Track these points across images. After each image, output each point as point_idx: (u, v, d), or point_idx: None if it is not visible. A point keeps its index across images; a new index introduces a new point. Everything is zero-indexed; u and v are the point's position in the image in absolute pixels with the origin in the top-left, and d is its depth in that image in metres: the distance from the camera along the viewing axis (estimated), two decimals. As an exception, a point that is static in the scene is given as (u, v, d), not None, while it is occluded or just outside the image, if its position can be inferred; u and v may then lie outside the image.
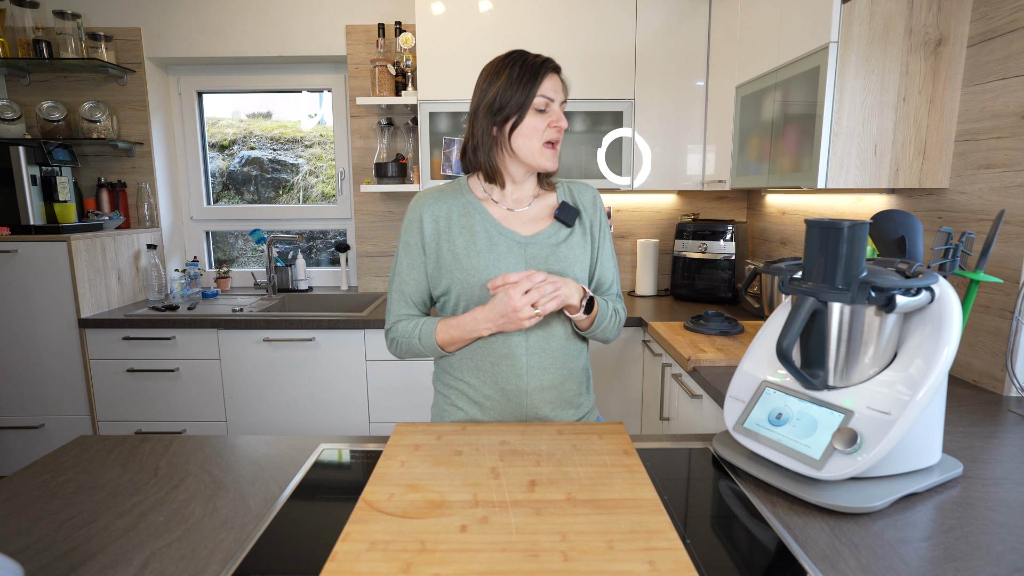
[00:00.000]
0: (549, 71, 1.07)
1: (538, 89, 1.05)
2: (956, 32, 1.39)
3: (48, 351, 2.32)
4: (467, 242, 1.09)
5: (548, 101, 1.06)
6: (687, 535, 0.73)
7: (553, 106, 1.07)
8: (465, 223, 1.10)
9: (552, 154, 1.09)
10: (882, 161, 1.45)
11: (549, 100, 1.06)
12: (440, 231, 1.11)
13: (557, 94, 1.07)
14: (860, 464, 0.76)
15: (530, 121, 1.06)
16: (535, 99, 1.05)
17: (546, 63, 1.07)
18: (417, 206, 1.12)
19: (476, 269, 1.07)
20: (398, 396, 2.32)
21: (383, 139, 2.68)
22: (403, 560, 0.65)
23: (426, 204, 1.12)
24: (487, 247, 1.08)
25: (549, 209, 1.15)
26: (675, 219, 2.80)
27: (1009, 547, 0.70)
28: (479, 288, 1.07)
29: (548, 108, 1.06)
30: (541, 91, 1.05)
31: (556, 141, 1.08)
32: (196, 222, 2.97)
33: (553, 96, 1.06)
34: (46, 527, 0.75)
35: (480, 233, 1.09)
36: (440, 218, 1.11)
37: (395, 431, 1.01)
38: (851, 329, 0.83)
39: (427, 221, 1.11)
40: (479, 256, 1.08)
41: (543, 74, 1.05)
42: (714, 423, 1.46)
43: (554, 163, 1.09)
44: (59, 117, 2.61)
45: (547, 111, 1.07)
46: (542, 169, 1.10)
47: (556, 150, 1.09)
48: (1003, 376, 1.27)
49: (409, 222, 1.13)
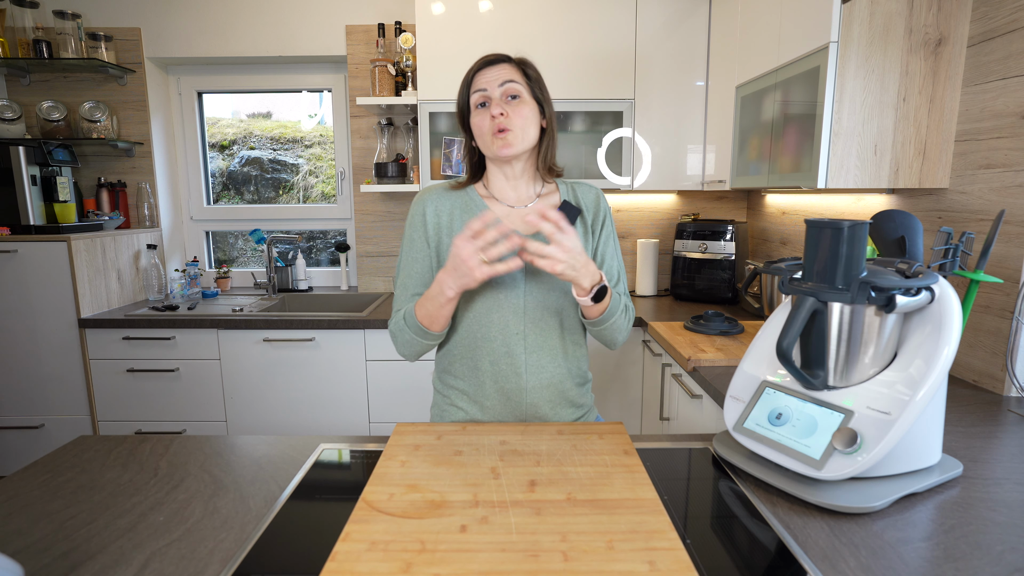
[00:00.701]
0: (482, 67, 1.08)
1: (472, 87, 1.08)
2: (956, 32, 1.39)
3: (48, 351, 2.32)
4: None
5: (483, 94, 1.06)
6: (687, 535, 0.73)
7: (490, 94, 1.06)
8: (467, 219, 1.11)
9: (503, 141, 1.05)
10: (882, 161, 1.45)
11: (483, 92, 1.06)
12: (442, 226, 1.11)
13: (492, 82, 1.06)
14: (860, 464, 0.76)
15: (474, 120, 1.08)
16: (472, 96, 1.08)
17: (478, 62, 1.09)
18: (420, 201, 1.13)
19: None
20: (398, 396, 2.32)
21: (383, 139, 2.67)
22: (403, 560, 0.65)
23: (429, 199, 1.13)
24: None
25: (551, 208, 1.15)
26: (675, 219, 2.80)
27: (1009, 547, 0.70)
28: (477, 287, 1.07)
29: (488, 101, 1.06)
30: (474, 87, 1.07)
31: (500, 129, 1.05)
32: (196, 222, 2.97)
33: (486, 86, 1.06)
34: (46, 527, 0.75)
35: None
36: (443, 213, 1.11)
37: (395, 431, 1.01)
38: (851, 329, 0.83)
39: (429, 215, 1.12)
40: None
41: (475, 72, 1.08)
42: (714, 423, 1.46)
43: (508, 148, 1.06)
44: (59, 117, 2.61)
45: (488, 104, 1.06)
46: (499, 158, 1.07)
47: (507, 134, 1.05)
48: (1003, 376, 1.27)
49: (412, 217, 1.13)
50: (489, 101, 1.06)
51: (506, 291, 1.08)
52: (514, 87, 1.06)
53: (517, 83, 1.07)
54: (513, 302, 1.08)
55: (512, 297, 1.08)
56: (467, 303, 1.10)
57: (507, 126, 1.05)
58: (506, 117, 1.05)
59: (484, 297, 1.08)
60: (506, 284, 1.08)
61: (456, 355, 1.13)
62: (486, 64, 1.08)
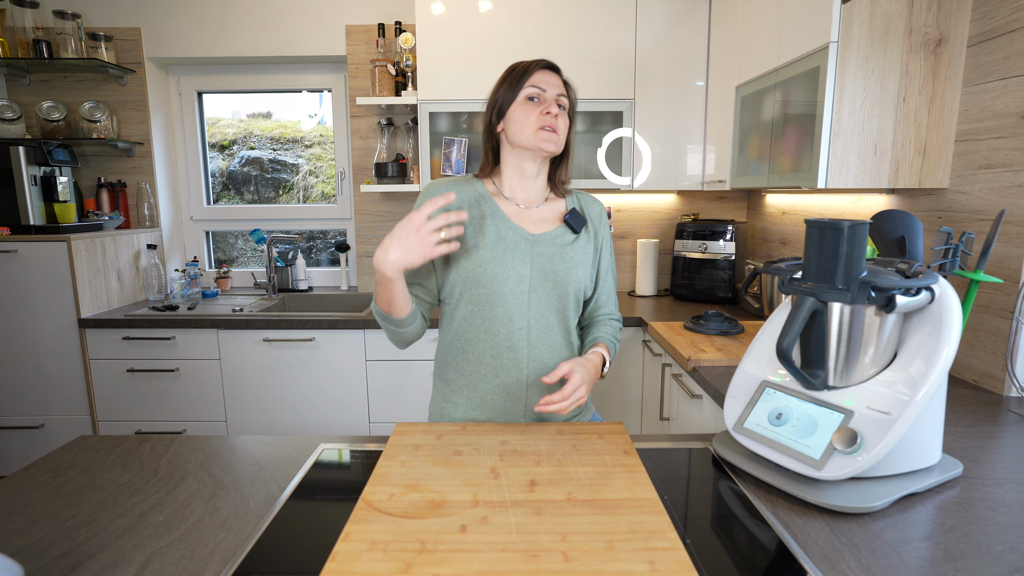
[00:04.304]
0: (539, 68, 1.11)
1: (527, 81, 1.10)
2: (956, 32, 1.39)
3: (48, 351, 2.32)
4: (475, 232, 1.10)
5: (539, 91, 1.10)
6: (687, 535, 0.73)
7: (546, 95, 1.10)
8: (475, 213, 1.12)
9: (548, 136, 1.08)
10: (882, 161, 1.45)
11: (540, 90, 1.10)
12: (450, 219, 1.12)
13: (550, 86, 1.10)
14: (860, 464, 0.76)
15: (520, 109, 1.10)
16: (525, 90, 1.10)
17: (538, 62, 1.12)
18: (428, 192, 1.13)
19: (482, 260, 1.08)
20: (398, 396, 2.32)
21: (383, 139, 2.67)
22: (403, 560, 0.65)
23: (438, 191, 1.12)
24: (495, 240, 1.09)
25: (558, 213, 1.17)
26: (675, 219, 2.80)
27: (1009, 547, 0.70)
28: (484, 280, 1.07)
29: (540, 97, 1.10)
30: (530, 82, 1.10)
31: (549, 127, 1.08)
32: (196, 222, 2.97)
33: (544, 87, 1.10)
34: (46, 527, 0.75)
35: (489, 225, 1.11)
36: (451, 205, 1.12)
37: (395, 431, 1.01)
38: (851, 329, 0.83)
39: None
40: (487, 248, 1.09)
41: (533, 69, 1.11)
42: (714, 423, 1.46)
43: (553, 145, 1.09)
44: (59, 117, 2.61)
45: (539, 100, 1.10)
46: (540, 150, 1.09)
47: (554, 135, 1.09)
48: (1003, 376, 1.27)
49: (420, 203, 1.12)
50: (542, 99, 1.10)
51: (512, 286, 1.09)
52: (564, 101, 1.13)
53: (567, 99, 1.13)
54: (519, 298, 1.09)
55: (518, 293, 1.09)
56: (472, 296, 1.09)
57: (556, 127, 1.09)
58: (557, 119, 1.10)
59: (490, 291, 1.08)
60: (512, 279, 1.08)
61: (458, 348, 1.14)
62: (546, 67, 1.12)
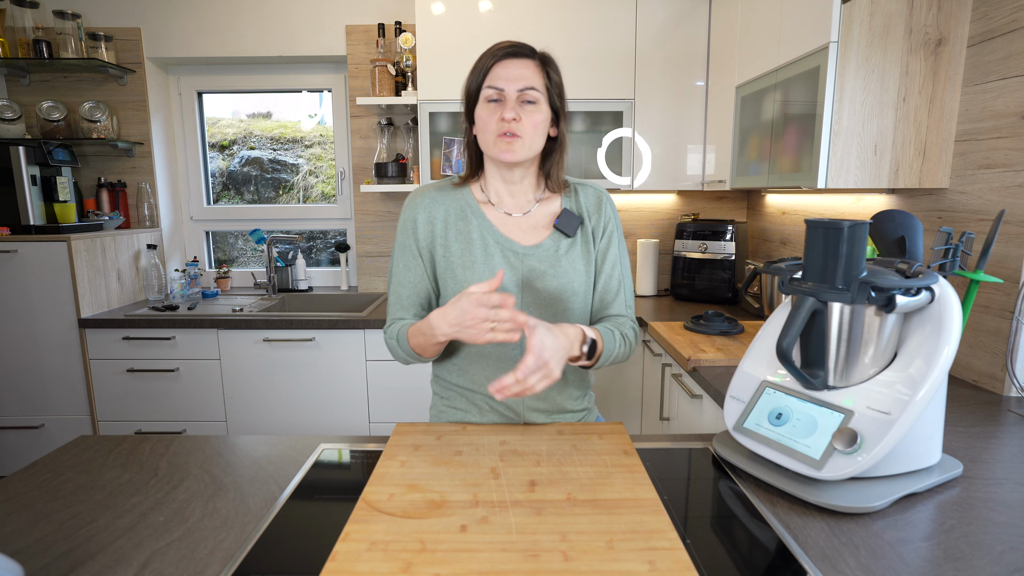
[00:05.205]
0: (500, 59, 0.98)
1: (486, 80, 0.98)
2: (956, 32, 1.39)
3: (48, 351, 2.32)
4: (462, 250, 1.04)
5: (496, 91, 0.98)
6: (687, 535, 0.73)
7: (506, 94, 0.97)
8: (461, 228, 1.05)
9: (507, 147, 0.97)
10: (882, 161, 1.45)
11: (498, 90, 0.97)
12: (435, 235, 1.06)
13: (511, 81, 0.97)
14: (860, 464, 0.76)
15: (481, 112, 1.00)
16: (484, 90, 0.99)
17: (503, 50, 0.98)
18: (412, 206, 1.07)
19: (471, 281, 1.02)
20: (398, 396, 2.32)
21: (383, 139, 2.68)
22: (403, 560, 0.65)
23: (421, 205, 1.06)
24: (483, 257, 1.03)
25: (550, 216, 1.08)
26: (675, 219, 2.80)
27: (1009, 547, 0.70)
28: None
29: (500, 97, 0.98)
30: (489, 82, 0.98)
31: (509, 133, 0.97)
32: (196, 222, 2.97)
33: (503, 84, 0.97)
34: (46, 527, 0.75)
35: (476, 241, 1.04)
36: (436, 221, 1.06)
37: (395, 431, 1.00)
38: (851, 329, 0.83)
39: (421, 224, 1.06)
40: (474, 267, 1.03)
41: (490, 64, 0.98)
42: (714, 423, 1.46)
43: (512, 155, 0.98)
44: (59, 117, 2.61)
45: (500, 101, 0.98)
46: (500, 161, 1.00)
47: (515, 142, 0.97)
48: (1003, 376, 1.27)
49: (404, 222, 1.08)
50: (503, 99, 0.98)
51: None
52: (533, 94, 0.98)
53: (536, 91, 0.98)
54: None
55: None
56: None
57: (517, 132, 0.97)
58: (518, 122, 0.97)
59: None
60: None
61: (455, 365, 1.11)
62: (509, 55, 0.98)
